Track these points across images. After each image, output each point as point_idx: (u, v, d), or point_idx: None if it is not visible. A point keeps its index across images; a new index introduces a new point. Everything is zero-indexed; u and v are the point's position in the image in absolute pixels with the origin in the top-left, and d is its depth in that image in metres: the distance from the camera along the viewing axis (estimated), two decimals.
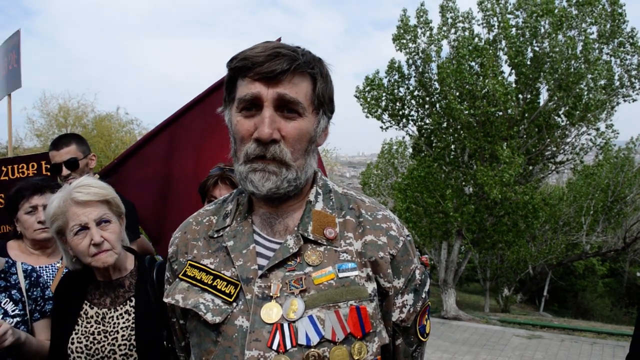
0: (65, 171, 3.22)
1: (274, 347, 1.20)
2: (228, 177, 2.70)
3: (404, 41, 14.40)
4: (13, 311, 2.12)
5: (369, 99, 15.05)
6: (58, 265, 2.71)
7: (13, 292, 2.16)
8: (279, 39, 3.67)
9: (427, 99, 14.72)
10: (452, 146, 14.55)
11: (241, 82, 1.28)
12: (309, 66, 1.28)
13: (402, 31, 14.35)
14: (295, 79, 1.25)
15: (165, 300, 1.40)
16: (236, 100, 1.29)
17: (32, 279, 2.24)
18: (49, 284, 2.57)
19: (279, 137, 1.25)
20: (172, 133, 3.66)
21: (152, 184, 3.70)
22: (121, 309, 2.07)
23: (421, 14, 14.31)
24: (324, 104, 1.33)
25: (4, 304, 2.12)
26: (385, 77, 15.14)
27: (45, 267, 2.69)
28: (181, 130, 3.65)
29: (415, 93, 15.04)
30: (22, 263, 2.28)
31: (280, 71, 1.22)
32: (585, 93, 12.99)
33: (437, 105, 14.48)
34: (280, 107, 1.25)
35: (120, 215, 2.16)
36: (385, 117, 15.32)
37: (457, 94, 13.15)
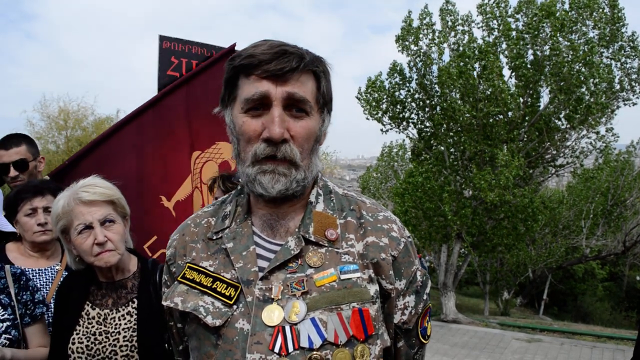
0: (13, 172, 3.13)
1: (276, 350, 1.18)
2: (223, 182, 2.72)
3: (407, 43, 14.43)
4: (2, 315, 2.09)
5: (370, 101, 15.07)
6: (57, 267, 2.70)
7: (2, 296, 2.13)
8: (234, 45, 3.67)
9: (428, 101, 14.74)
10: (452, 149, 14.56)
11: (245, 81, 1.25)
12: (314, 65, 1.27)
13: (405, 32, 14.37)
14: (302, 78, 1.24)
15: (164, 303, 1.38)
16: (240, 100, 1.26)
17: (22, 282, 2.21)
18: (48, 288, 2.56)
19: (288, 136, 1.23)
20: (128, 133, 3.56)
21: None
22: (123, 310, 2.06)
23: (424, 16, 14.33)
24: (327, 103, 1.33)
25: None
26: (387, 79, 15.15)
27: (45, 269, 2.67)
28: (137, 130, 3.56)
29: (416, 96, 15.06)
30: (10, 267, 2.26)
31: (289, 69, 1.20)
32: (587, 97, 13.01)
33: (438, 108, 14.51)
34: (288, 106, 1.23)
35: (124, 216, 2.16)
36: (386, 119, 15.35)
37: (459, 96, 13.17)
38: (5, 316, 2.10)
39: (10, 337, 2.06)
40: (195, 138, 3.68)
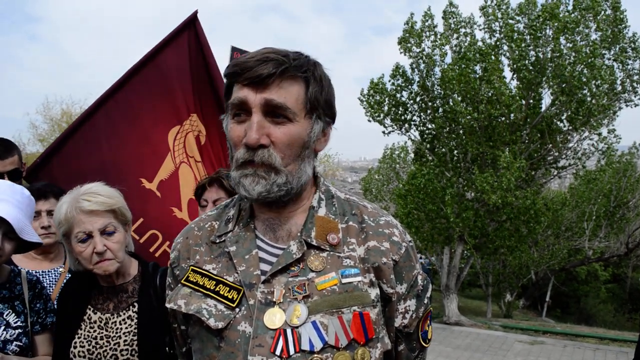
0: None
1: (277, 352, 1.20)
2: (218, 178, 2.68)
3: (409, 45, 14.43)
4: (15, 322, 2.11)
5: (372, 103, 15.08)
6: (61, 269, 2.71)
7: (16, 303, 2.14)
8: (196, 12, 3.61)
9: (430, 103, 14.74)
10: (455, 151, 14.56)
11: (235, 88, 1.29)
12: (299, 70, 1.27)
13: (407, 34, 14.38)
14: (283, 84, 1.25)
15: (168, 305, 1.40)
16: (228, 106, 1.30)
17: (37, 290, 2.23)
18: (51, 290, 2.57)
19: (267, 142, 1.25)
20: (94, 123, 3.47)
21: (83, 178, 3.46)
22: (124, 314, 2.07)
23: (427, 18, 14.33)
24: (318, 108, 1.32)
25: (5, 315, 2.10)
26: (389, 82, 15.15)
27: (48, 271, 2.69)
28: (107, 116, 3.49)
29: (418, 98, 15.06)
30: (27, 273, 2.27)
31: (266, 75, 1.22)
32: (589, 99, 13.00)
33: (440, 110, 14.51)
34: (269, 112, 1.25)
35: (126, 223, 2.17)
36: (388, 121, 15.35)
37: (460, 98, 13.18)
38: (18, 323, 2.11)
39: (21, 344, 2.07)
40: (171, 113, 3.61)
